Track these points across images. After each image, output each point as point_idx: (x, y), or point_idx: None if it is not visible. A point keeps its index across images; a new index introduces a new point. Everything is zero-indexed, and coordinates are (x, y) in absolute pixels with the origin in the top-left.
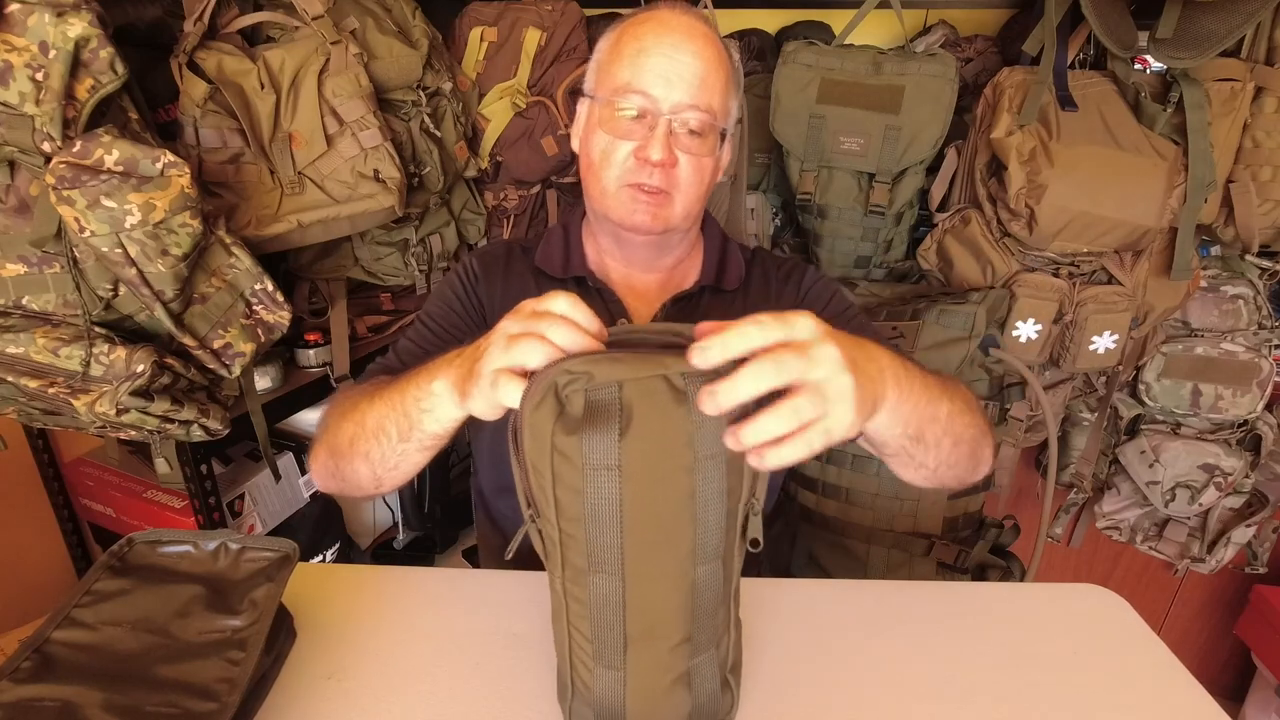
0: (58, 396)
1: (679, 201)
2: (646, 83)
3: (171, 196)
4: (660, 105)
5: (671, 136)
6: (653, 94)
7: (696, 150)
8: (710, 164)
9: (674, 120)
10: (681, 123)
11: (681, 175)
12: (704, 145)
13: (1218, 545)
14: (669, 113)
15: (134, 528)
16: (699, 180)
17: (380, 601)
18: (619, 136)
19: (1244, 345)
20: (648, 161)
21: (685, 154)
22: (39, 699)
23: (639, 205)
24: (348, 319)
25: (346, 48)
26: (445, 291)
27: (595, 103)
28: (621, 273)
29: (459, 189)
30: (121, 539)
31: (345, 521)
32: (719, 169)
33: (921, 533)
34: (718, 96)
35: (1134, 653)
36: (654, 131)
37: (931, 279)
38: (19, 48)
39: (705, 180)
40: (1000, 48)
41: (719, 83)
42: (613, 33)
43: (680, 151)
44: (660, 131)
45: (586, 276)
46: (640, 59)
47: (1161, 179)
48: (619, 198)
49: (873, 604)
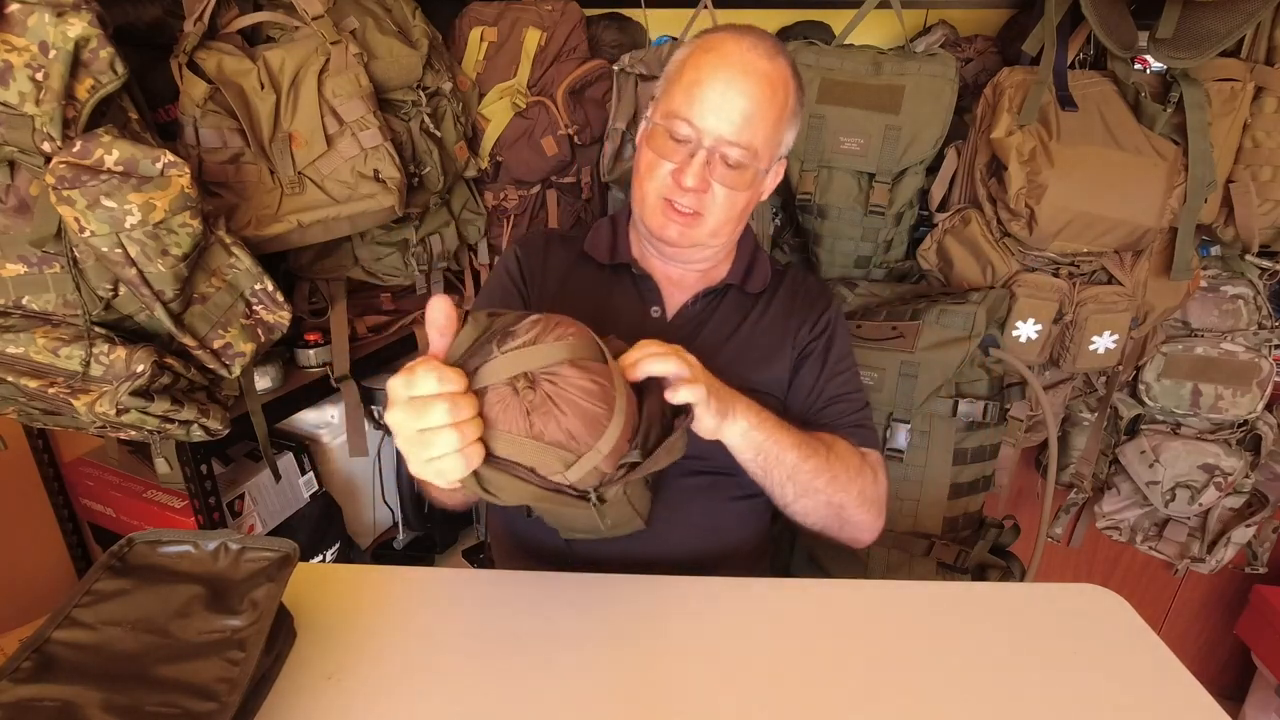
0: (58, 396)
1: (708, 225)
2: (694, 113)
3: (171, 196)
4: (703, 137)
5: (708, 166)
6: (698, 124)
7: (731, 183)
8: (744, 197)
9: (714, 151)
10: (721, 156)
11: (713, 202)
12: (740, 179)
13: (1218, 545)
14: (710, 144)
15: (134, 528)
16: (730, 207)
17: (380, 601)
18: (662, 156)
19: (1244, 345)
20: (680, 186)
21: (720, 184)
22: (39, 699)
23: (670, 221)
24: (348, 319)
25: (346, 48)
26: (495, 284)
27: (648, 124)
28: (660, 265)
29: (459, 189)
30: (121, 539)
31: (345, 521)
32: (757, 198)
33: (921, 533)
34: (761, 134)
35: (1134, 653)
36: (692, 159)
37: (931, 279)
38: (19, 48)
39: (738, 208)
40: (1000, 48)
41: (766, 122)
42: (684, 51)
43: (715, 181)
44: (698, 161)
45: (630, 264)
46: (694, 90)
47: (1161, 179)
48: (654, 209)
49: (873, 604)
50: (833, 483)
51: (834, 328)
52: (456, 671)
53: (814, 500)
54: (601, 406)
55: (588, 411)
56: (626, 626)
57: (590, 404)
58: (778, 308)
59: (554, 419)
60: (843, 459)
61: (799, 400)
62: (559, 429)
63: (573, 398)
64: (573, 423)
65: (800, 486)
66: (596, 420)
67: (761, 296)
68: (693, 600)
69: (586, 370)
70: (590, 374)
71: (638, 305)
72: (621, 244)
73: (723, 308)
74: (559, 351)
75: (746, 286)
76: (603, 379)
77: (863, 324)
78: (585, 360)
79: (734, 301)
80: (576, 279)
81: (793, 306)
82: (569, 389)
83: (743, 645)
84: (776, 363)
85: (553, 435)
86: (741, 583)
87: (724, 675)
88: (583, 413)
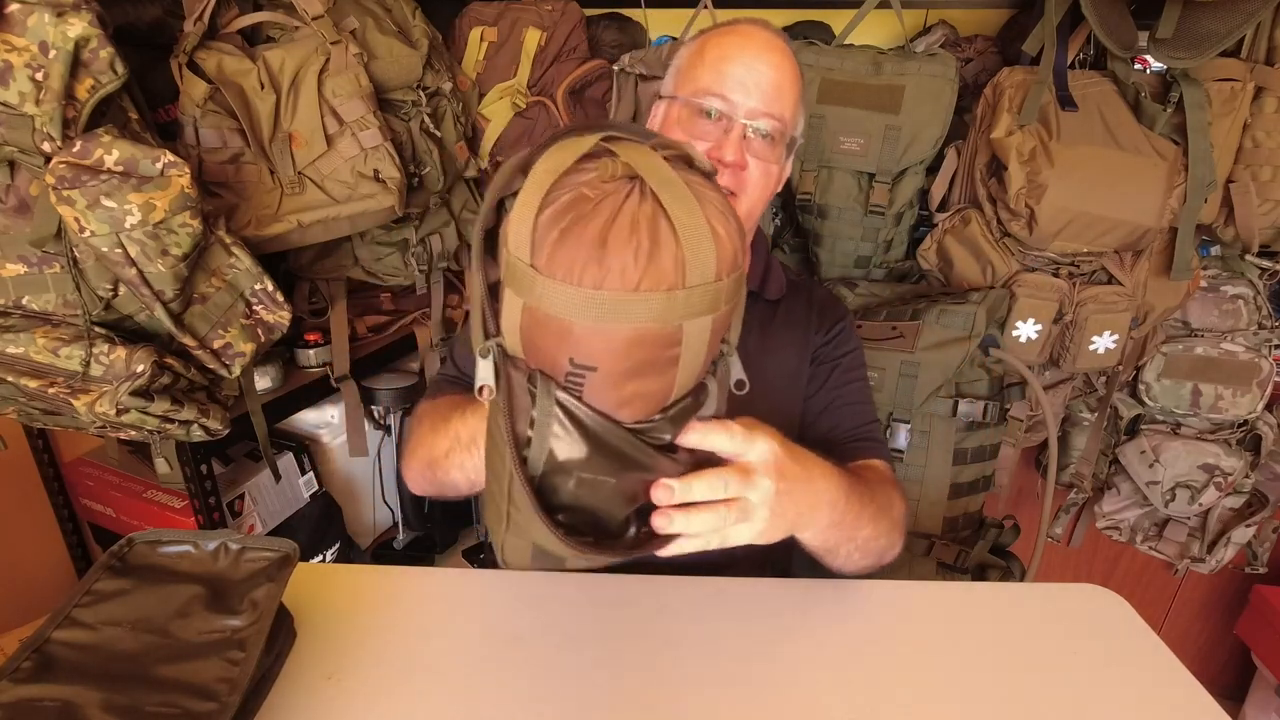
0: (58, 396)
1: (744, 203)
2: (727, 88)
3: (171, 196)
4: (737, 110)
5: (744, 141)
6: (731, 98)
7: (766, 156)
8: (776, 171)
9: (748, 125)
10: (755, 129)
11: (750, 178)
12: (774, 151)
13: (1218, 545)
14: (744, 117)
15: (134, 528)
16: (765, 184)
17: (380, 601)
18: (695, 137)
19: (1244, 345)
20: (720, 162)
21: (755, 158)
22: (39, 699)
23: None
24: (348, 319)
25: (346, 48)
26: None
27: (675, 103)
28: None
29: (459, 189)
30: (121, 539)
31: (345, 521)
32: (782, 178)
33: (921, 533)
34: (789, 107)
35: (1134, 653)
36: (729, 135)
37: (931, 279)
38: (19, 48)
39: (770, 185)
40: (1000, 48)
41: (791, 95)
42: (695, 41)
43: (751, 156)
44: (735, 135)
45: None
46: (722, 65)
47: (1161, 179)
48: None
49: (873, 604)
50: (887, 534)
51: (847, 334)
52: (456, 671)
53: (864, 563)
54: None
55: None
56: (627, 626)
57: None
58: (793, 317)
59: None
60: (886, 499)
61: (812, 408)
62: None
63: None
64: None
65: (863, 554)
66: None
67: (778, 305)
68: (693, 600)
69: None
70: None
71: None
72: None
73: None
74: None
75: (765, 293)
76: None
77: (863, 324)
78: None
79: (752, 310)
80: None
81: (809, 316)
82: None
83: (743, 645)
84: (798, 373)
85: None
86: (742, 583)
87: (724, 675)
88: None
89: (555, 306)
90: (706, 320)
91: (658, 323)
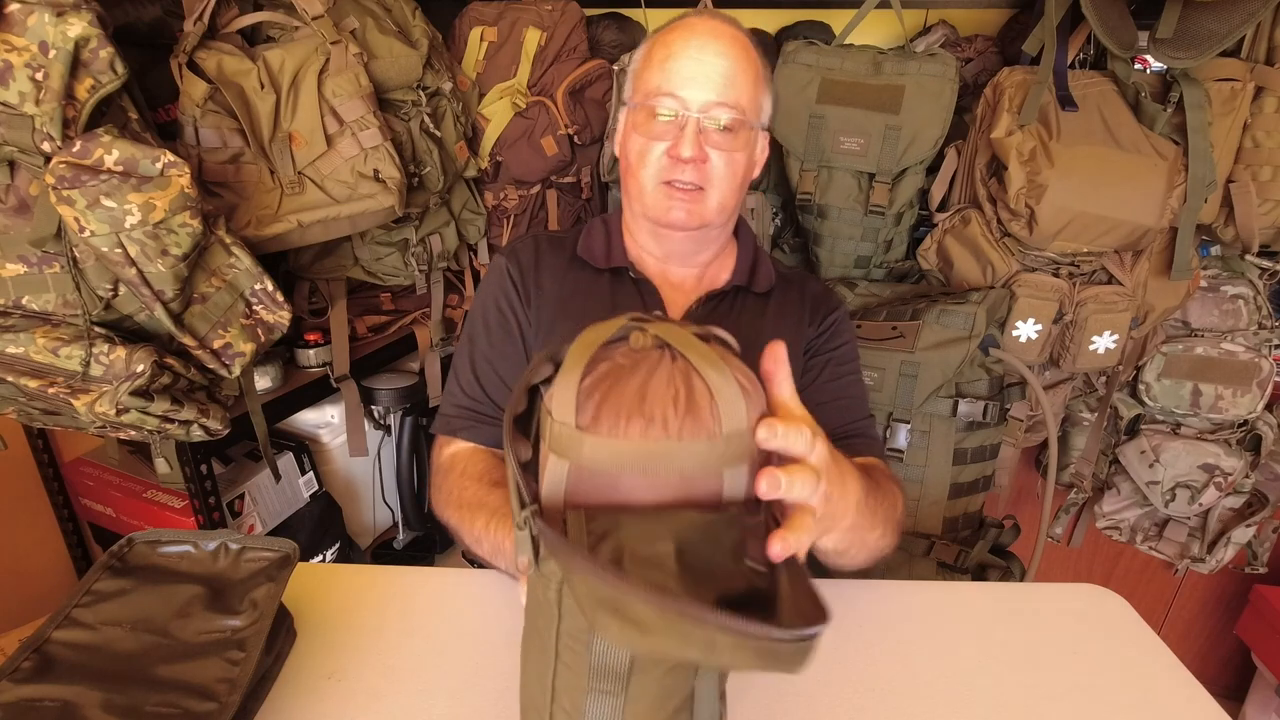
0: (58, 396)
1: (713, 196)
2: (675, 85)
3: (171, 196)
4: (689, 105)
5: (702, 134)
6: (681, 95)
7: (727, 146)
8: (742, 159)
9: (704, 119)
10: (711, 120)
11: (714, 171)
12: (735, 141)
13: (1218, 545)
14: (698, 112)
15: (134, 528)
16: (732, 175)
17: (380, 601)
18: (652, 138)
19: (1244, 345)
20: (679, 160)
21: (716, 150)
22: (39, 699)
23: (675, 202)
24: (347, 319)
25: (346, 48)
26: (490, 303)
27: (631, 109)
28: (659, 267)
29: (459, 189)
30: (121, 539)
31: (345, 521)
32: (754, 164)
33: (921, 533)
34: (746, 93)
35: (1134, 653)
36: (684, 131)
37: (931, 279)
38: (19, 48)
39: (738, 175)
40: (1000, 48)
41: (747, 80)
42: (646, 43)
43: (711, 148)
44: (690, 130)
45: (627, 268)
46: (669, 64)
47: (1161, 179)
48: (655, 196)
49: (873, 604)
50: (890, 535)
51: (840, 326)
52: (456, 671)
53: (868, 559)
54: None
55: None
56: None
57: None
58: (785, 309)
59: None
60: (891, 500)
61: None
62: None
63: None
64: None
65: (868, 554)
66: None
67: (769, 298)
68: None
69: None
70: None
71: (640, 310)
72: (616, 246)
73: (732, 312)
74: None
75: (753, 287)
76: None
77: (863, 324)
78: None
79: (742, 305)
80: (574, 282)
81: (801, 308)
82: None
83: None
84: (792, 367)
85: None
86: None
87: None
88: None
89: (602, 462)
90: (743, 469)
91: (701, 469)
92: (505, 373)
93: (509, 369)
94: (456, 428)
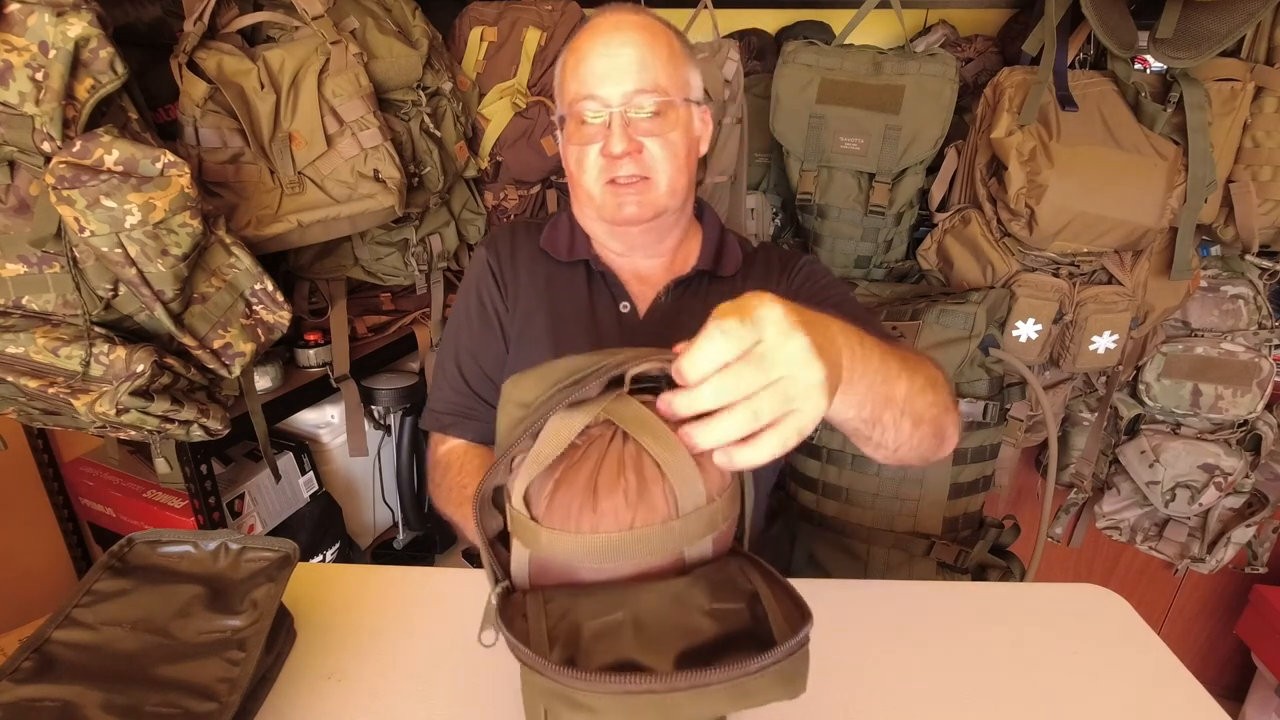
0: (58, 396)
1: (660, 182)
2: (592, 85)
3: (171, 196)
4: (610, 101)
5: (631, 126)
6: (600, 94)
7: (659, 130)
8: (679, 139)
9: (627, 110)
10: (636, 109)
11: (652, 157)
12: (665, 124)
13: (1218, 545)
14: (620, 105)
15: (134, 528)
16: (673, 156)
17: (380, 601)
18: (585, 143)
19: (1244, 345)
20: (612, 156)
21: (648, 137)
22: (39, 699)
23: (623, 199)
24: (347, 319)
25: (346, 48)
26: (471, 295)
27: (564, 120)
28: (623, 261)
29: (459, 189)
30: (121, 539)
31: (345, 521)
32: (697, 140)
33: (921, 533)
34: (664, 73)
35: (1134, 653)
36: (611, 128)
37: (931, 279)
38: (19, 48)
39: (680, 155)
40: (1000, 48)
41: (660, 61)
42: (561, 55)
43: (643, 137)
44: (616, 125)
45: (590, 260)
46: (581, 67)
47: (1161, 179)
48: (604, 197)
49: (873, 604)
50: (931, 394)
51: (812, 269)
52: (456, 671)
53: (921, 432)
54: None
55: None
56: None
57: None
58: (753, 283)
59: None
60: (918, 360)
61: None
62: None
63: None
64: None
65: (915, 417)
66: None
67: (735, 280)
68: None
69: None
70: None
71: (608, 301)
72: (579, 241)
73: (699, 297)
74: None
75: (719, 270)
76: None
77: None
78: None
79: (709, 289)
80: (545, 270)
81: (767, 275)
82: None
83: None
84: None
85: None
86: None
87: None
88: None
89: (559, 554)
90: (707, 541)
91: (657, 555)
92: (488, 365)
93: (491, 361)
94: (446, 424)
